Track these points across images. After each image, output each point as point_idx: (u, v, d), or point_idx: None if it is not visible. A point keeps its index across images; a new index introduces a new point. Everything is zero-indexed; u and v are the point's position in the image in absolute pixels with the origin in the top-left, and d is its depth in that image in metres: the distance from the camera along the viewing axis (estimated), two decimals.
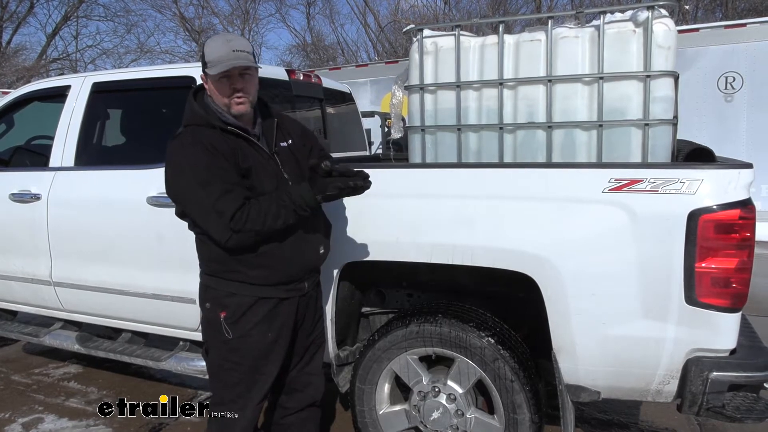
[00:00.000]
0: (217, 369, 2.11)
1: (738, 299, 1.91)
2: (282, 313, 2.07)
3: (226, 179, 1.87)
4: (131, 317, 3.09)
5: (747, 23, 7.75)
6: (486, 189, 2.19)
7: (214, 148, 1.89)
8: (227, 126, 1.97)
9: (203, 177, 1.87)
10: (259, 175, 1.97)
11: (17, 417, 3.30)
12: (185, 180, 1.92)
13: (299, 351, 2.24)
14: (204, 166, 1.87)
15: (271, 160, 2.05)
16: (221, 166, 1.88)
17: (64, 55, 24.02)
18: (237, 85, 1.96)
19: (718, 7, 17.96)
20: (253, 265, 1.98)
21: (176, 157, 1.94)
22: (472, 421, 2.34)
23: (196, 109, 2.00)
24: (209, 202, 1.86)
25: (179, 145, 1.95)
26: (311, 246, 2.10)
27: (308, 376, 2.29)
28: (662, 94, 2.27)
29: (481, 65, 2.49)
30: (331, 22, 30.76)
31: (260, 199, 1.90)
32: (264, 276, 2.00)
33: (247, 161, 1.96)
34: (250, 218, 1.86)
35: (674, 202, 1.91)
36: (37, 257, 3.23)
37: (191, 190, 1.91)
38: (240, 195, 1.88)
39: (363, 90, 10.32)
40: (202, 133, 1.94)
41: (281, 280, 2.04)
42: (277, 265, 2.00)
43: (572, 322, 2.05)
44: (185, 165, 1.91)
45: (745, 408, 1.95)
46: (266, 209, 1.88)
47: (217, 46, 1.95)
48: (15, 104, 3.58)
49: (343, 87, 4.23)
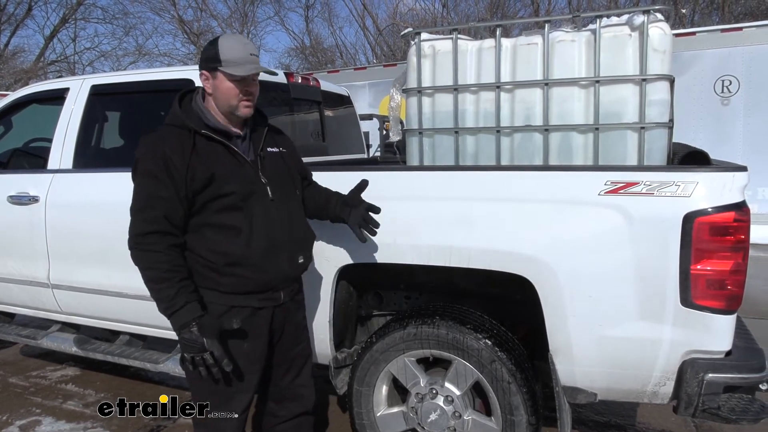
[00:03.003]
0: (193, 379, 2.04)
1: (733, 301, 1.93)
2: (256, 323, 2.03)
3: (157, 195, 1.88)
4: (129, 319, 3.09)
5: (743, 27, 7.78)
6: (483, 192, 2.20)
7: (166, 158, 1.88)
8: (201, 129, 1.95)
9: (141, 184, 1.92)
10: (225, 181, 1.93)
11: (15, 419, 3.30)
12: (134, 178, 1.97)
13: (284, 363, 2.20)
14: (146, 176, 1.90)
15: (248, 164, 2.01)
16: (159, 178, 1.88)
17: (62, 58, 24.03)
18: (251, 88, 1.97)
19: (715, 10, 18.04)
20: (224, 272, 1.94)
21: (137, 154, 1.97)
22: (470, 422, 2.34)
23: (175, 110, 2.00)
24: (133, 209, 1.93)
25: (144, 143, 1.97)
26: (288, 255, 2.05)
27: (299, 388, 2.27)
28: (658, 98, 2.28)
29: (479, 68, 2.50)
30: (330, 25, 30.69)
31: (163, 261, 1.87)
32: (234, 284, 1.96)
33: (211, 167, 1.91)
34: (144, 257, 1.88)
35: (670, 205, 1.92)
36: (35, 259, 3.23)
37: (133, 191, 1.96)
38: (158, 218, 1.87)
39: (361, 93, 10.32)
40: (170, 134, 1.94)
41: (252, 289, 1.99)
42: (246, 273, 1.95)
43: (569, 324, 2.06)
44: (137, 166, 1.95)
45: (741, 409, 1.96)
46: (155, 275, 1.87)
47: (234, 46, 1.94)
48: (13, 106, 3.59)
49: (342, 90, 4.24)
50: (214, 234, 1.95)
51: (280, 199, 2.05)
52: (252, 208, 1.97)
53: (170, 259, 1.88)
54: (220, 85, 1.95)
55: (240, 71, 1.91)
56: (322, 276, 2.45)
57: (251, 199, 1.97)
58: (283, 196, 2.08)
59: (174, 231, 1.90)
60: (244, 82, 1.95)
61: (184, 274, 1.90)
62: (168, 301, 1.85)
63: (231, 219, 1.94)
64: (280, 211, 2.04)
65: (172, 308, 1.85)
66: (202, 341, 1.84)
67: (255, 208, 1.97)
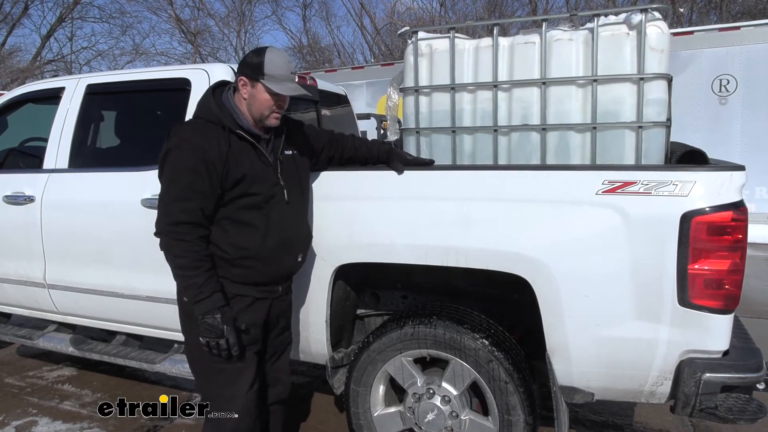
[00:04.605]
0: (199, 363, 2.17)
1: (730, 301, 1.92)
2: (255, 310, 2.16)
3: (194, 188, 1.96)
4: (126, 319, 3.08)
5: (741, 26, 7.79)
6: (480, 191, 2.20)
7: (204, 152, 1.96)
8: (236, 129, 2.04)
9: (177, 175, 1.97)
10: (254, 181, 2.06)
11: (11, 420, 3.29)
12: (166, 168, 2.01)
13: (269, 349, 2.32)
14: (183, 167, 1.96)
15: (271, 167, 2.12)
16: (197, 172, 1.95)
17: (59, 57, 23.96)
18: (283, 103, 2.08)
19: (713, 10, 18.05)
20: (237, 264, 2.08)
21: (169, 144, 2.01)
22: (467, 422, 2.34)
23: (211, 105, 2.07)
24: (168, 198, 1.99)
25: (177, 134, 2.02)
26: (293, 253, 2.21)
27: (277, 373, 2.39)
28: (655, 97, 2.28)
29: (476, 67, 2.49)
30: (328, 24, 30.80)
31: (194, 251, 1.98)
32: (244, 275, 2.10)
33: (243, 167, 2.03)
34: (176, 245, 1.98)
35: (667, 204, 1.92)
36: (31, 259, 3.22)
37: (164, 180, 2.02)
38: (195, 209, 1.97)
39: (359, 92, 10.32)
40: (206, 130, 2.01)
41: (260, 281, 2.14)
42: (256, 266, 2.10)
43: (566, 324, 2.05)
44: (170, 157, 2.00)
45: (738, 409, 1.96)
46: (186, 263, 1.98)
47: (280, 63, 2.03)
48: (9, 106, 3.57)
49: (339, 89, 4.23)
50: (233, 228, 2.07)
51: (293, 202, 2.19)
52: (271, 210, 2.11)
53: (200, 249, 2.01)
54: (258, 95, 2.04)
55: (282, 89, 2.02)
56: (319, 276, 2.45)
57: (272, 201, 2.11)
58: (295, 198, 2.21)
59: (205, 223, 2.03)
60: (280, 97, 2.05)
61: (210, 264, 2.03)
62: (196, 289, 1.98)
63: (251, 217, 2.08)
64: (292, 213, 2.19)
65: (200, 296, 1.98)
66: (222, 328, 1.98)
67: (273, 210, 2.12)
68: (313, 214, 2.41)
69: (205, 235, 2.04)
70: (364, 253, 2.35)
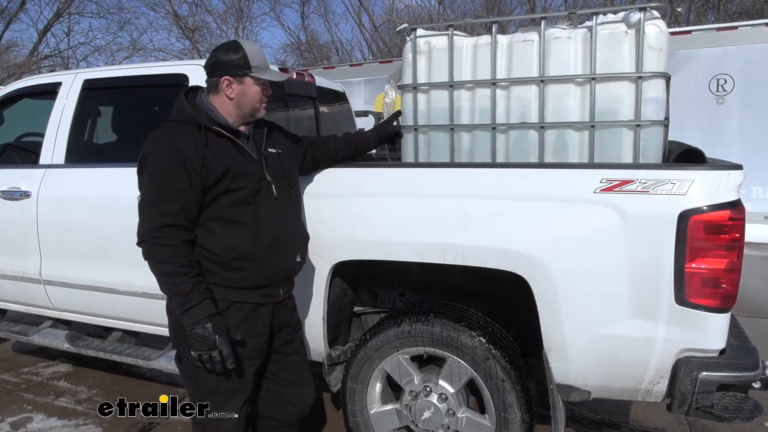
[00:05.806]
0: (192, 377, 2.06)
1: (727, 300, 1.93)
2: (258, 320, 2.06)
3: (174, 188, 1.89)
4: (122, 316, 3.07)
5: (738, 26, 7.79)
6: (478, 189, 2.20)
7: (181, 151, 1.89)
8: (213, 126, 1.99)
9: (156, 177, 1.92)
10: (237, 176, 1.98)
11: (6, 416, 3.28)
12: (144, 172, 1.96)
13: (281, 362, 2.22)
14: (160, 169, 1.90)
15: (254, 162, 2.06)
16: (176, 172, 1.89)
17: (56, 52, 23.88)
18: (269, 92, 2.08)
19: (710, 9, 18.09)
20: (229, 267, 1.97)
21: (145, 149, 1.96)
22: (464, 420, 2.34)
23: (184, 106, 2.02)
24: (148, 202, 1.92)
25: (153, 138, 1.96)
26: (289, 253, 2.11)
27: (300, 388, 2.27)
28: (654, 96, 2.27)
29: (474, 65, 2.49)
30: (326, 21, 30.70)
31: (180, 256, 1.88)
32: (238, 278, 1.99)
33: (224, 163, 1.96)
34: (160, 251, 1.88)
35: (665, 203, 1.92)
36: (26, 255, 3.21)
37: (143, 185, 1.95)
38: (177, 211, 1.88)
39: (357, 89, 10.30)
40: (182, 130, 1.95)
41: (257, 283, 2.03)
42: (251, 267, 2.00)
43: (563, 322, 2.06)
44: (147, 161, 1.94)
45: (734, 408, 1.97)
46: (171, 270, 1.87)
47: (257, 53, 2.03)
48: (5, 101, 3.55)
49: (337, 86, 4.22)
50: (221, 228, 1.98)
51: (282, 199, 2.11)
52: (259, 205, 2.02)
53: (186, 254, 1.89)
54: (248, 89, 2.02)
55: (273, 76, 2.03)
56: (316, 273, 2.44)
57: (259, 196, 2.02)
58: (285, 195, 2.13)
59: (188, 226, 1.93)
60: (265, 86, 2.04)
61: (198, 269, 1.92)
62: (183, 297, 1.85)
63: (239, 214, 1.99)
64: (283, 209, 2.10)
65: (188, 304, 1.85)
66: (214, 338, 1.85)
67: (261, 205, 2.03)
68: (309, 211, 2.40)
69: (191, 240, 1.93)
70: (362, 251, 2.34)
